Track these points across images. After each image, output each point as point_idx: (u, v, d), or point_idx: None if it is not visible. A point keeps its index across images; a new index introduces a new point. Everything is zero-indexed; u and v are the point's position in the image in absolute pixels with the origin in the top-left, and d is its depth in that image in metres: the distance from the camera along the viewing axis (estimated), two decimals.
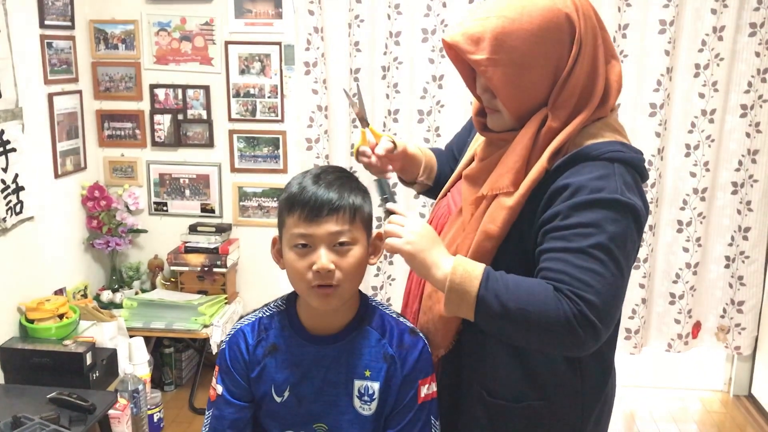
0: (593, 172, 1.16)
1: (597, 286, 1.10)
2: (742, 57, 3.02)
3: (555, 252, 1.14)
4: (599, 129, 1.23)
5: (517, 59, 1.18)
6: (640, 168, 1.22)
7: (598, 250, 1.12)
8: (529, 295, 1.12)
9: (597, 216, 1.13)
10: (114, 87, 3.36)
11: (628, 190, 1.16)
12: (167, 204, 3.47)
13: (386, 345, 1.30)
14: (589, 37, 1.21)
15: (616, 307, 1.14)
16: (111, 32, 3.30)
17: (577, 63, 1.20)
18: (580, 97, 1.22)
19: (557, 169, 1.19)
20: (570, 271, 1.11)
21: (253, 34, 3.24)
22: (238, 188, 3.43)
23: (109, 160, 3.44)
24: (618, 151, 1.19)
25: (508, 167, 1.22)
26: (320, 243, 1.21)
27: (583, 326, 1.09)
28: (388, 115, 3.16)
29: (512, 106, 1.23)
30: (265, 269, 3.48)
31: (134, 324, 3.07)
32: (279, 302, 1.37)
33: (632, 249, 1.18)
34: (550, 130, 1.21)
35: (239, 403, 1.33)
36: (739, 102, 3.05)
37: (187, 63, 3.30)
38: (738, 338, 3.26)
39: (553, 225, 1.16)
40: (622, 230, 1.14)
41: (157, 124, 3.38)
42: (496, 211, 1.22)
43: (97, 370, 2.67)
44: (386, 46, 3.10)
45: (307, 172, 1.29)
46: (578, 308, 1.09)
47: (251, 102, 3.32)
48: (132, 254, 3.50)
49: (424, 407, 1.30)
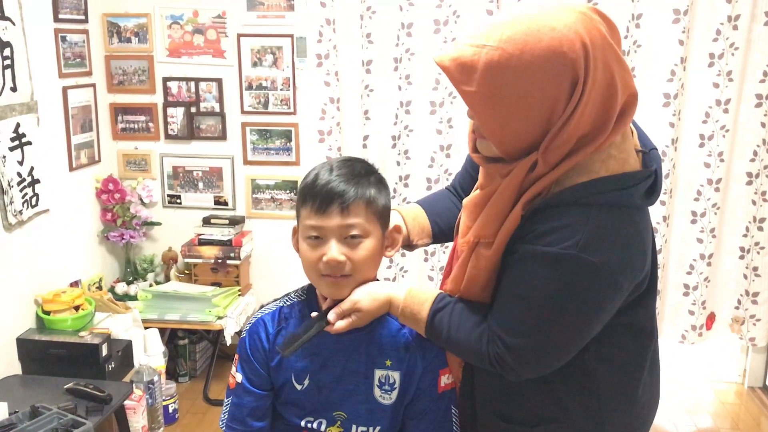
0: (561, 219, 1.09)
1: (522, 333, 1.14)
2: (757, 46, 2.99)
3: (504, 289, 1.18)
4: (588, 161, 1.12)
5: (508, 98, 1.07)
6: (632, 203, 1.12)
7: (535, 303, 1.12)
8: (466, 336, 1.21)
9: (545, 272, 1.10)
10: (127, 80, 3.37)
11: (598, 243, 1.07)
12: (181, 197, 3.49)
13: (406, 334, 1.30)
14: (598, 83, 1.07)
15: (539, 356, 1.15)
16: (124, 25, 3.31)
17: (576, 111, 1.07)
18: (578, 143, 1.10)
19: (532, 214, 1.13)
20: (505, 314, 1.16)
21: (265, 26, 3.25)
22: (251, 181, 3.44)
23: (123, 153, 3.45)
24: (598, 193, 1.09)
25: (493, 214, 1.17)
26: (331, 235, 1.21)
27: (501, 366, 1.16)
28: (400, 107, 3.16)
29: (498, 143, 1.13)
30: (278, 261, 3.49)
31: (149, 316, 3.09)
32: (299, 292, 1.38)
33: (586, 306, 1.11)
34: (537, 176, 1.13)
35: (258, 392, 1.34)
36: (755, 92, 3.03)
37: (200, 56, 3.31)
38: (753, 329, 3.25)
39: (512, 260, 1.16)
40: (570, 289, 1.09)
41: (170, 117, 3.39)
42: (478, 258, 1.21)
43: (113, 361, 2.69)
44: (398, 37, 3.09)
45: (325, 164, 1.28)
46: (497, 353, 1.16)
47: (263, 94, 3.33)
48: (146, 247, 3.52)
49: (443, 397, 1.30)
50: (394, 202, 2.26)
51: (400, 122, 3.18)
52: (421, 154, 3.20)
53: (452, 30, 3.04)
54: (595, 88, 1.07)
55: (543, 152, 1.10)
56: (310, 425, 1.32)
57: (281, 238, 3.48)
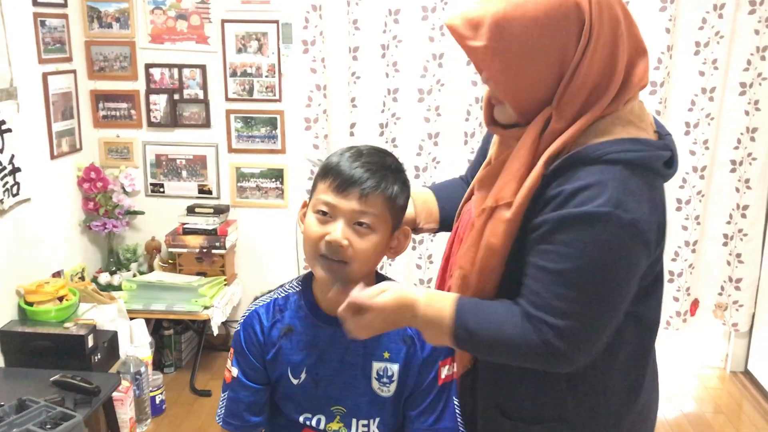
0: (587, 178, 1.05)
1: (569, 312, 1.05)
2: (741, 35, 3.01)
3: (535, 268, 1.09)
4: (609, 125, 1.10)
5: (517, 49, 1.07)
6: (654, 167, 1.10)
7: (575, 275, 1.05)
8: (500, 329, 1.10)
9: (579, 235, 1.04)
10: (108, 66, 3.31)
11: (627, 200, 1.04)
12: (164, 185, 3.44)
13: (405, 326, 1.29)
14: (604, 28, 1.08)
15: (593, 333, 1.08)
16: (105, 10, 3.24)
17: (585, 57, 1.07)
18: (590, 95, 1.09)
19: (553, 173, 1.09)
20: (543, 293, 1.07)
21: (249, 12, 3.20)
22: (235, 169, 3.40)
23: (105, 141, 3.39)
24: (624, 151, 1.07)
25: (511, 175, 1.13)
26: (341, 216, 1.18)
27: (551, 353, 1.07)
28: (388, 95, 3.14)
29: (513, 100, 1.13)
30: (263, 251, 3.47)
31: (134, 306, 3.05)
32: (294, 283, 1.36)
33: (625, 268, 1.07)
34: (554, 132, 1.11)
35: (255, 386, 1.32)
36: (739, 80, 3.05)
37: (183, 42, 3.25)
38: (735, 315, 3.29)
39: (538, 234, 1.09)
40: (608, 249, 1.04)
41: (153, 104, 3.33)
42: (496, 224, 1.14)
43: (99, 352, 2.65)
44: (385, 24, 3.06)
45: (355, 147, 1.25)
46: (544, 337, 1.06)
47: (248, 81, 3.28)
48: (129, 236, 3.47)
49: (444, 388, 1.29)
50: None
51: (387, 110, 3.15)
52: (408, 142, 3.18)
53: (440, 17, 3.02)
54: (602, 33, 1.08)
55: (557, 105, 1.10)
56: (309, 422, 1.31)
57: (267, 227, 3.45)
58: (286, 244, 3.45)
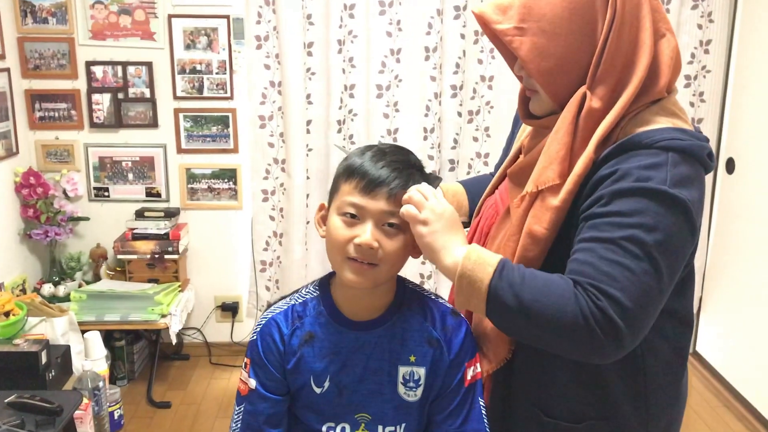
0: (643, 160, 1.04)
1: (624, 282, 0.99)
2: (685, 29, 3.12)
3: (584, 242, 1.04)
4: (653, 114, 1.10)
5: (546, 27, 1.09)
6: (701, 157, 1.08)
7: (631, 243, 1.00)
8: (545, 287, 1.02)
9: (637, 205, 1.01)
10: (45, 64, 3.11)
11: (681, 182, 1.03)
12: (109, 189, 3.27)
13: (430, 328, 1.25)
14: (629, 2, 1.08)
15: (645, 309, 1.01)
16: (39, 5, 3.04)
17: (612, 31, 1.07)
18: (622, 73, 1.09)
19: (605, 158, 1.08)
20: (595, 262, 1.01)
21: (198, 6, 3.08)
22: (185, 170, 3.27)
23: (42, 144, 3.19)
24: (674, 138, 1.06)
25: (551, 157, 1.10)
26: (370, 217, 1.14)
27: (602, 326, 0.98)
28: (345, 91, 3.08)
29: (546, 82, 1.12)
30: (216, 254, 3.36)
31: (86, 318, 2.88)
32: (311, 288, 1.29)
33: (678, 249, 1.03)
34: (592, 112, 1.09)
35: (274, 397, 1.25)
36: (684, 72, 3.16)
37: (127, 38, 3.10)
38: None
39: (590, 212, 1.06)
40: (664, 225, 1.01)
41: (96, 104, 3.16)
42: (541, 210, 1.10)
43: (53, 368, 2.49)
44: (341, 19, 3.01)
45: (372, 146, 1.21)
46: (598, 305, 0.98)
47: (198, 78, 3.16)
48: (71, 244, 3.28)
49: (470, 389, 1.26)
50: None
51: (344, 106, 3.10)
52: (367, 139, 3.14)
53: (397, 12, 2.99)
54: (627, 7, 1.08)
55: (590, 83, 1.10)
56: (332, 431, 1.26)
57: (219, 229, 3.34)
58: (241, 246, 3.35)
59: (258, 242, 3.24)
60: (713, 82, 3.16)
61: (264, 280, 3.28)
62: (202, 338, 3.48)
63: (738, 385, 3.13)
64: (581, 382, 1.17)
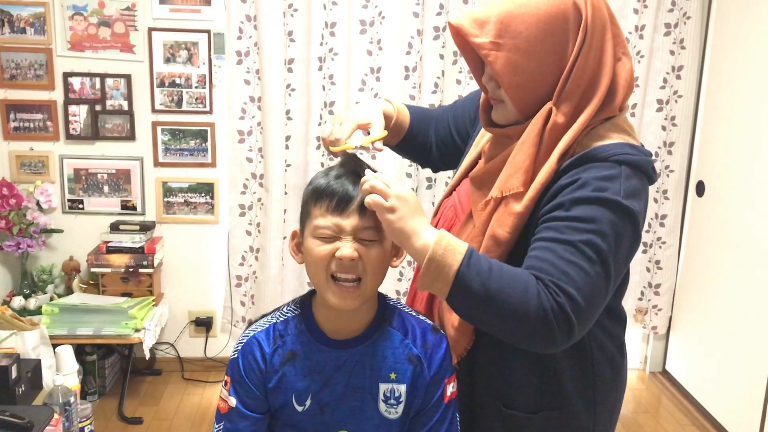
0: (600, 172, 1.14)
1: (579, 282, 1.08)
2: (658, 55, 3.20)
3: (544, 241, 1.12)
4: (607, 130, 1.19)
5: (522, 45, 1.15)
6: (648, 171, 1.19)
7: (587, 246, 1.09)
8: (512, 279, 1.08)
9: (595, 213, 1.11)
10: (21, 75, 3.08)
11: (632, 194, 1.14)
12: (83, 201, 3.24)
13: (410, 345, 1.26)
14: (597, 28, 1.17)
15: (594, 307, 1.11)
16: (17, 14, 3.02)
17: (581, 53, 1.16)
18: (585, 92, 1.18)
19: (565, 169, 1.17)
20: (555, 261, 1.09)
21: (179, 20, 3.08)
22: (162, 183, 3.25)
23: (16, 155, 3.15)
24: (626, 153, 1.16)
25: (517, 167, 1.18)
26: (346, 235, 1.17)
27: (558, 320, 1.06)
28: (324, 107, 3.10)
29: (516, 95, 1.19)
30: (190, 268, 3.34)
31: (57, 331, 2.84)
32: (292, 306, 1.30)
33: (625, 255, 1.15)
34: (556, 126, 1.17)
35: (255, 415, 1.25)
36: (656, 97, 3.24)
37: (106, 50, 3.08)
38: (655, 318, 3.48)
39: (551, 215, 1.14)
40: (617, 233, 1.11)
41: (72, 115, 3.13)
42: (504, 215, 1.18)
43: (23, 383, 2.44)
44: (322, 36, 3.03)
45: (331, 169, 1.23)
46: (558, 301, 1.06)
47: (177, 92, 3.15)
48: (43, 256, 3.24)
49: (450, 406, 1.28)
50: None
51: (324, 122, 3.12)
52: None
53: (378, 31, 3.02)
54: (595, 32, 1.17)
55: (556, 100, 1.18)
56: None
57: (195, 243, 3.32)
58: (217, 261, 3.34)
59: (234, 257, 3.23)
60: (684, 106, 3.24)
61: (239, 295, 3.27)
62: (175, 353, 3.45)
63: (707, 404, 3.18)
64: (537, 374, 1.25)
